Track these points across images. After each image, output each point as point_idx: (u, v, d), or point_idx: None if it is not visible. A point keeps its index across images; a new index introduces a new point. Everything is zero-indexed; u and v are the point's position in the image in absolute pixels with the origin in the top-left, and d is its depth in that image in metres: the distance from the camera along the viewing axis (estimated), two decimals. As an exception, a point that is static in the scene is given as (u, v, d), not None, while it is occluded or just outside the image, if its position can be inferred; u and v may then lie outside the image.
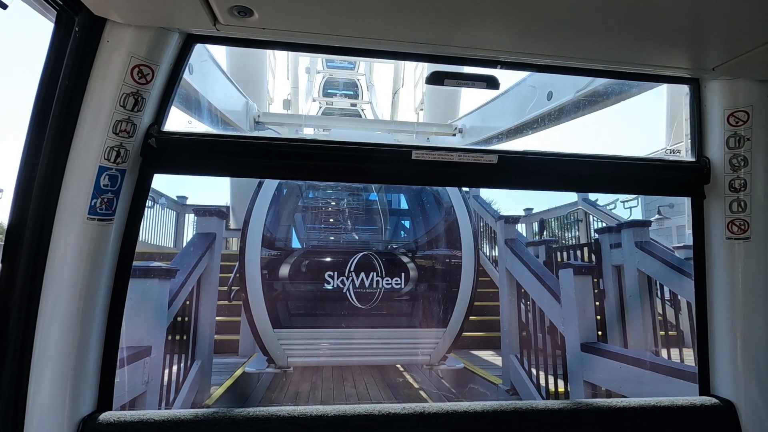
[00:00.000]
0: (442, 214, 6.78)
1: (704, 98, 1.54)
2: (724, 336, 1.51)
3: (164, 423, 1.22)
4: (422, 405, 1.33)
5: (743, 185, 1.48)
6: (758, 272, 1.48)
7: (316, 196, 7.72)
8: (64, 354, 1.18)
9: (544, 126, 5.56)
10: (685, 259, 4.89)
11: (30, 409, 1.15)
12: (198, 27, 1.22)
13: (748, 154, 1.47)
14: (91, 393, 1.25)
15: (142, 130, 1.28)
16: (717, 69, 1.37)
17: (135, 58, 1.19)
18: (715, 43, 1.24)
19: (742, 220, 1.49)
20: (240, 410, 1.26)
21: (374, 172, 1.47)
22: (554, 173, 1.52)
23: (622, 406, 1.40)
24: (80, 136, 1.18)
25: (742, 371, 1.47)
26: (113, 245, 1.28)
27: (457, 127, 8.26)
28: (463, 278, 6.11)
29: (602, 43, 1.24)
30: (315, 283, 6.02)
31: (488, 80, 1.39)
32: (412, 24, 1.16)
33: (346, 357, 6.00)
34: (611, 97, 4.45)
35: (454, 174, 1.47)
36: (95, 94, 1.18)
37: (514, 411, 1.34)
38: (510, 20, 1.13)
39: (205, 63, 5.43)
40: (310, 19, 1.14)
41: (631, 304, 5.20)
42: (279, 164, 1.42)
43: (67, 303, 1.18)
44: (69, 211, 1.18)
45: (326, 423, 1.26)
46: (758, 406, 1.45)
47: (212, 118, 5.91)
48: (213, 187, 18.09)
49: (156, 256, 7.37)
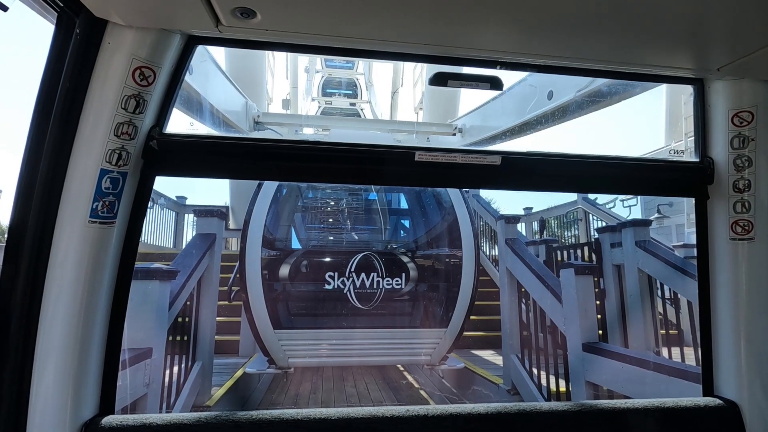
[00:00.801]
0: (443, 214, 6.77)
1: (709, 98, 1.53)
2: (728, 337, 1.51)
3: (167, 427, 1.21)
4: (426, 407, 1.33)
5: (747, 186, 1.48)
6: (762, 273, 1.48)
7: (316, 197, 7.71)
8: (66, 357, 1.17)
9: (545, 126, 5.55)
10: (686, 258, 4.89)
11: (32, 413, 1.15)
12: (200, 28, 1.21)
13: (752, 154, 1.47)
14: (93, 396, 1.24)
15: (144, 132, 1.27)
16: (722, 69, 1.36)
17: (136, 60, 1.19)
18: (719, 44, 1.23)
19: (746, 221, 1.48)
20: (243, 413, 1.26)
21: (377, 173, 1.46)
22: (558, 174, 1.51)
23: (626, 407, 1.39)
24: (81, 138, 1.18)
25: (745, 372, 1.47)
26: (115, 248, 1.27)
27: (457, 127, 8.24)
28: (464, 278, 6.11)
29: (606, 43, 1.23)
30: (315, 283, 6.01)
31: (492, 81, 1.38)
32: (414, 25, 1.15)
33: (347, 357, 6.00)
34: (612, 96, 4.44)
35: (458, 175, 1.46)
36: (96, 96, 1.18)
37: (518, 413, 1.33)
38: (511, 20, 1.12)
39: (204, 63, 5.42)
40: (312, 20, 1.14)
41: (632, 303, 5.20)
42: (281, 166, 1.42)
43: (68, 306, 1.17)
44: (70, 214, 1.18)
45: (329, 426, 1.26)
46: (762, 406, 1.44)
47: (212, 119, 5.90)
48: (212, 187, 18.06)
49: (156, 257, 7.36)
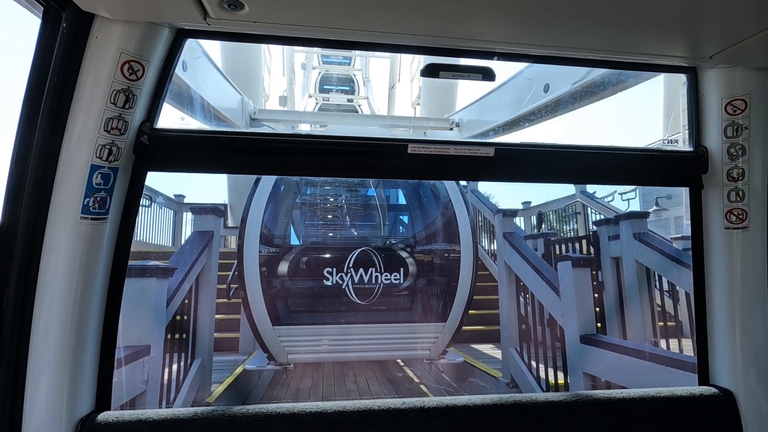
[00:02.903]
0: (440, 209, 6.77)
1: (702, 87, 1.52)
2: (723, 326, 1.51)
3: (163, 422, 1.21)
4: (422, 399, 1.33)
5: (741, 174, 1.48)
6: (756, 262, 1.48)
7: (314, 193, 7.70)
8: (61, 354, 1.17)
9: (542, 118, 5.54)
10: (683, 249, 4.90)
11: (27, 411, 1.15)
12: (188, 21, 1.20)
13: (746, 142, 1.46)
14: (89, 393, 1.24)
15: (134, 127, 1.26)
16: (714, 57, 1.35)
17: (125, 54, 1.17)
18: (712, 31, 1.22)
19: (740, 210, 1.48)
20: (239, 408, 1.26)
21: (370, 166, 1.46)
22: (552, 165, 1.51)
23: (622, 397, 1.40)
24: (71, 134, 1.17)
25: (740, 361, 1.47)
26: (108, 244, 1.27)
27: (454, 121, 8.22)
28: (462, 272, 6.12)
29: (599, 32, 1.22)
30: (314, 279, 6.01)
31: (484, 72, 1.37)
32: (406, 15, 1.14)
33: (347, 353, 6.02)
34: (608, 87, 4.43)
35: (451, 167, 1.46)
36: (85, 91, 1.17)
37: (514, 404, 1.34)
38: (505, 11, 1.11)
39: (199, 59, 5.39)
40: (301, 11, 1.13)
41: (629, 295, 5.22)
42: (274, 160, 1.41)
43: (62, 303, 1.17)
44: (61, 210, 1.17)
45: (326, 419, 1.26)
46: (757, 395, 1.45)
47: (207, 116, 5.88)
48: (211, 184, 18.03)
49: (154, 255, 7.36)
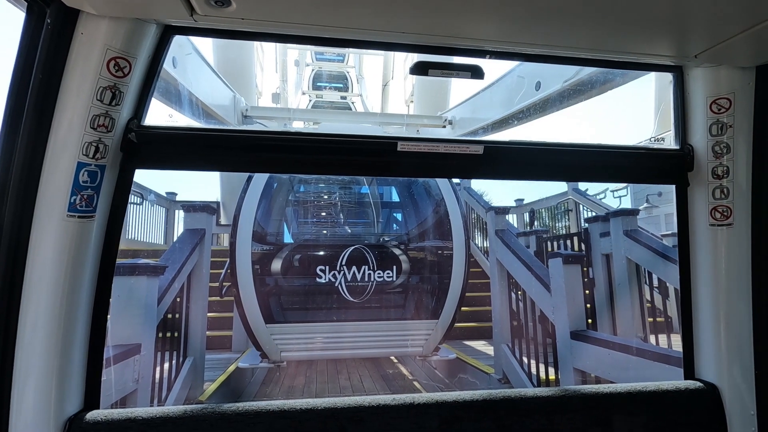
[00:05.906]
0: (433, 206, 6.79)
1: (687, 86, 1.54)
2: (708, 321, 1.54)
3: (152, 420, 1.21)
4: (412, 395, 1.34)
5: (726, 172, 1.50)
6: (741, 258, 1.50)
7: (307, 190, 7.67)
8: (49, 353, 1.16)
9: (534, 116, 5.57)
10: (673, 246, 4.96)
11: (15, 410, 1.14)
12: (175, 18, 1.19)
13: (730, 141, 1.48)
14: (77, 392, 1.23)
15: (122, 124, 1.25)
16: (699, 56, 1.37)
17: (111, 51, 1.16)
18: (697, 30, 1.24)
19: (725, 207, 1.51)
20: (229, 405, 1.26)
21: (360, 164, 1.46)
22: (540, 163, 1.52)
23: (609, 391, 1.42)
24: (57, 131, 1.16)
25: (725, 355, 1.50)
26: (95, 242, 1.26)
27: (446, 119, 8.22)
28: (455, 269, 6.14)
29: (587, 31, 1.23)
30: (307, 277, 6.01)
31: (473, 70, 1.38)
32: (396, 13, 1.14)
33: (340, 350, 6.02)
34: (598, 86, 4.46)
35: (441, 165, 1.46)
36: (71, 88, 1.15)
37: (503, 399, 1.35)
38: (495, 9, 1.12)
39: (189, 56, 5.33)
40: (288, 8, 1.12)
41: (619, 291, 5.28)
42: (264, 157, 1.41)
43: (49, 302, 1.16)
44: (48, 208, 1.16)
45: (316, 416, 1.26)
46: (741, 388, 1.48)
47: (199, 113, 5.83)
48: (203, 182, 17.92)
49: (144, 253, 7.30)
